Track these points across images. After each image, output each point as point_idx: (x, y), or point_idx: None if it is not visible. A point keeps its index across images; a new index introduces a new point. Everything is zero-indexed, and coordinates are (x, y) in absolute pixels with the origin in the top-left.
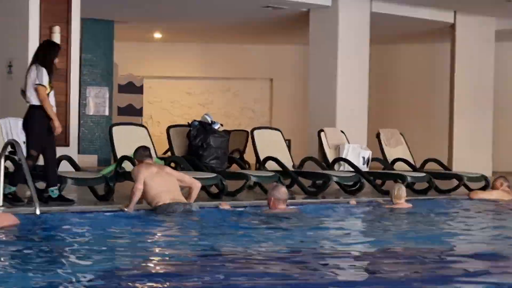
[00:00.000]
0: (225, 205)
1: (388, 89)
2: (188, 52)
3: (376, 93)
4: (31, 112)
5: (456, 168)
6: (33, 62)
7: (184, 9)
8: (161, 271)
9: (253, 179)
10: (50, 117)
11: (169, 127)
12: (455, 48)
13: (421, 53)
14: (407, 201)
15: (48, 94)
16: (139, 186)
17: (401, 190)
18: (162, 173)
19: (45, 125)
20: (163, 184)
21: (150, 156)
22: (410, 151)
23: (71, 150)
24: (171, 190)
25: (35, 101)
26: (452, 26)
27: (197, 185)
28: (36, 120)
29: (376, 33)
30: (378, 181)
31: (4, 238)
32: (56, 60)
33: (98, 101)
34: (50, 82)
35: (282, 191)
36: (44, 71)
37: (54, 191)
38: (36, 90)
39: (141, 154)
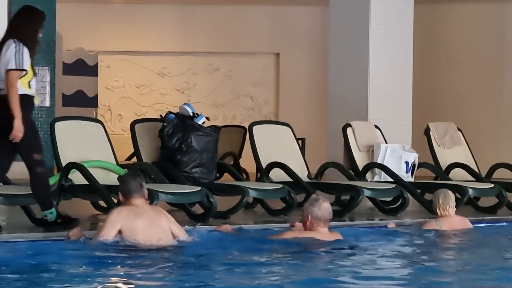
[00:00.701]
0: (225, 227)
1: (440, 68)
2: (160, 18)
3: (423, 73)
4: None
5: None
6: (6, 37)
7: None
8: None
9: (253, 194)
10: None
11: (134, 122)
12: None
13: (486, 15)
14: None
15: (29, 82)
16: (104, 238)
17: (448, 197)
18: (151, 227)
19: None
20: (149, 243)
21: (140, 193)
22: (472, 153)
23: None
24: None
25: (21, 90)
26: None
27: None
28: (26, 113)
29: None
30: (428, 196)
31: None
32: (40, 35)
33: (35, 87)
34: (32, 65)
35: (325, 207)
36: (26, 51)
37: (47, 216)
38: (6, 73)
39: (128, 187)
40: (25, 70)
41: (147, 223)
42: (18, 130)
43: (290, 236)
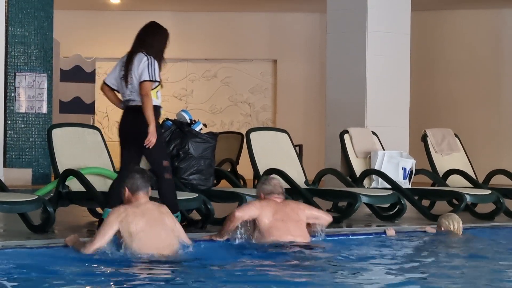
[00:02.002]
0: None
1: (437, 74)
2: None
3: (420, 79)
4: (141, 114)
5: None
6: (136, 50)
7: None
8: None
9: (251, 200)
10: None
11: None
12: None
13: (483, 21)
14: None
15: (156, 93)
16: (97, 246)
17: (458, 222)
18: (155, 226)
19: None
20: (149, 245)
21: (145, 191)
22: (469, 160)
23: None
24: (160, 251)
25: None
26: None
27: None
28: (156, 122)
29: None
30: (425, 202)
31: None
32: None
33: (32, 94)
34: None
35: (275, 182)
36: (156, 64)
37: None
38: (140, 84)
39: (135, 182)
40: (158, 81)
41: (150, 221)
42: (152, 135)
43: (255, 205)
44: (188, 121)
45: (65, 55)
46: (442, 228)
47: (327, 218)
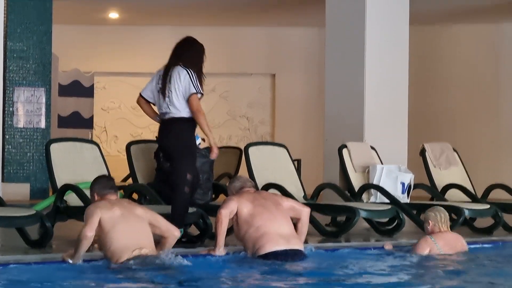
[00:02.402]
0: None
1: (435, 88)
2: (156, 39)
3: (419, 93)
4: (180, 126)
5: None
6: (174, 64)
7: None
8: None
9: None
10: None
11: (129, 144)
12: None
13: (482, 36)
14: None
15: None
16: (88, 233)
17: (441, 211)
18: (129, 217)
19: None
20: (130, 234)
21: (114, 189)
22: (467, 174)
23: None
24: (140, 241)
25: (185, 113)
26: None
27: (174, 234)
28: (190, 135)
29: (417, 9)
30: (424, 217)
31: None
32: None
33: (31, 108)
34: None
35: (242, 177)
36: (196, 77)
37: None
38: (188, 99)
39: (102, 185)
40: (203, 93)
41: (123, 212)
42: (215, 146)
43: (234, 199)
44: None
45: (63, 70)
46: (430, 221)
47: (304, 209)
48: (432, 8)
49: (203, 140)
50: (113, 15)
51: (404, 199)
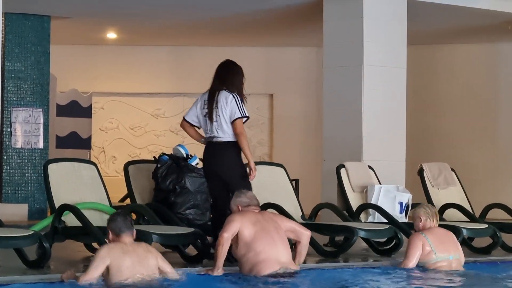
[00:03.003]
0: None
1: (433, 108)
2: (155, 59)
3: (417, 113)
4: (232, 151)
5: None
6: (218, 88)
7: None
8: None
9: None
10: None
11: (127, 164)
12: None
13: (479, 56)
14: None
15: None
16: (90, 278)
17: (429, 206)
18: (137, 267)
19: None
20: (134, 277)
21: (129, 231)
22: (465, 194)
23: None
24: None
25: (231, 137)
26: None
27: (175, 276)
28: (238, 160)
29: (415, 30)
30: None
31: None
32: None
33: (29, 129)
34: None
35: (250, 194)
36: (241, 101)
37: None
38: (233, 123)
39: (118, 225)
40: (248, 116)
41: (135, 261)
42: (254, 169)
43: (235, 217)
44: (185, 155)
45: (61, 90)
46: (422, 217)
47: (305, 232)
48: (429, 28)
49: (201, 160)
50: (111, 35)
51: (402, 219)
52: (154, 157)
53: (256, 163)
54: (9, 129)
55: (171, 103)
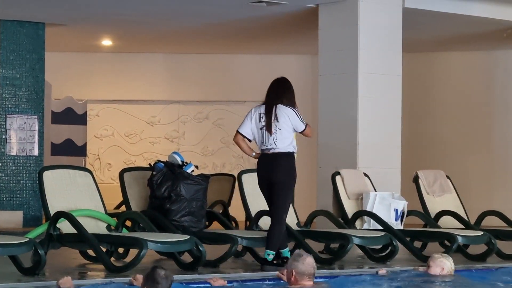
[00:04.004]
0: (218, 281)
1: (429, 115)
2: (150, 66)
3: (412, 120)
4: (289, 161)
5: None
6: (274, 103)
7: (144, 5)
8: None
9: (242, 242)
10: None
11: (123, 171)
12: None
13: (475, 63)
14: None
15: None
16: None
17: (451, 260)
18: None
19: None
20: None
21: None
22: (461, 201)
23: None
24: None
25: (290, 148)
26: None
27: None
28: (293, 170)
29: (410, 37)
30: (417, 243)
31: None
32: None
33: (24, 136)
34: None
35: (308, 262)
36: (299, 114)
37: (269, 255)
38: (303, 133)
39: (154, 282)
40: (307, 124)
41: None
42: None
43: None
44: (180, 163)
45: (56, 97)
46: (444, 268)
47: None
48: (425, 36)
49: (196, 167)
50: (106, 42)
51: (397, 226)
52: (149, 164)
53: (252, 171)
54: (4, 136)
55: (167, 111)
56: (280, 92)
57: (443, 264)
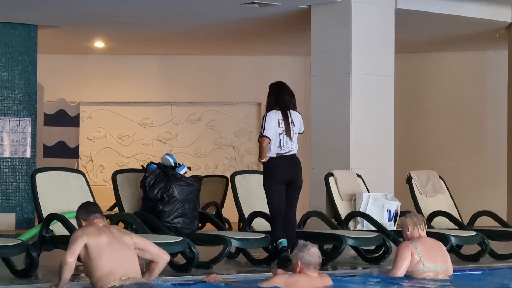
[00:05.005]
0: (215, 277)
1: (421, 116)
2: (142, 68)
3: (404, 121)
4: (299, 162)
5: None
6: (288, 108)
7: (137, 7)
8: None
9: (235, 244)
10: None
11: (115, 173)
12: None
13: (466, 64)
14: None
15: None
16: (68, 259)
17: (418, 216)
18: (116, 245)
19: None
20: (116, 261)
21: (100, 214)
22: (454, 202)
23: None
24: (126, 269)
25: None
26: (510, 27)
27: (164, 258)
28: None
29: (402, 38)
30: (401, 223)
31: None
32: None
33: (16, 138)
34: None
35: (314, 252)
36: None
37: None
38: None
39: (88, 211)
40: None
41: (111, 239)
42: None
43: (282, 281)
44: (173, 164)
45: (49, 99)
46: (409, 226)
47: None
48: (417, 36)
49: (189, 168)
50: (99, 44)
51: (390, 226)
52: (142, 166)
53: (244, 172)
54: None
55: (159, 112)
56: (289, 99)
57: (405, 223)
